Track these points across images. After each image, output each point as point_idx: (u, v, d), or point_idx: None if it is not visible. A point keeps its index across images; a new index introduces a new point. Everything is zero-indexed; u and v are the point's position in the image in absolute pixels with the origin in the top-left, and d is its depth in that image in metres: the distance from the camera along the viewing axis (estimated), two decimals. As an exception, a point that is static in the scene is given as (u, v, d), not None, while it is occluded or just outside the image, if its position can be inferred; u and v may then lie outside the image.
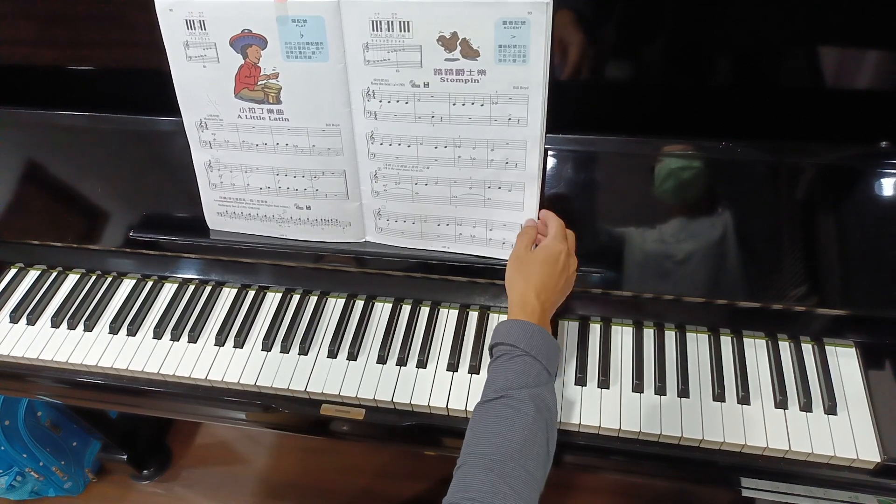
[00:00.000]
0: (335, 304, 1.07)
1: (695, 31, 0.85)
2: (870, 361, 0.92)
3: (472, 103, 0.83)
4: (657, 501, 1.56)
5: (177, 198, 1.05)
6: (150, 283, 1.13)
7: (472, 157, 0.88)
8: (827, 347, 0.94)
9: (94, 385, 1.06)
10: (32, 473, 1.58)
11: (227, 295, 1.10)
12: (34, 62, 1.05)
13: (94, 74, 1.05)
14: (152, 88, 0.94)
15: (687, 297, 0.94)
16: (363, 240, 1.01)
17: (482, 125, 0.85)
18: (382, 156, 0.91)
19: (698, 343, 0.97)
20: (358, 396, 0.96)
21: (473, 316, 1.03)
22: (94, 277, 1.15)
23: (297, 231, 1.01)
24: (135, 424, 1.71)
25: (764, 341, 0.96)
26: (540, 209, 0.92)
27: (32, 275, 1.17)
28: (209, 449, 1.80)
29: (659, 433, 0.88)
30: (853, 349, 0.94)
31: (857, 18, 0.80)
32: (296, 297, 1.09)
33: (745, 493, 0.94)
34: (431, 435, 0.97)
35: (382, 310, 1.06)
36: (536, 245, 0.88)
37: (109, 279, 1.14)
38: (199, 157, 0.97)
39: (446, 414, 0.95)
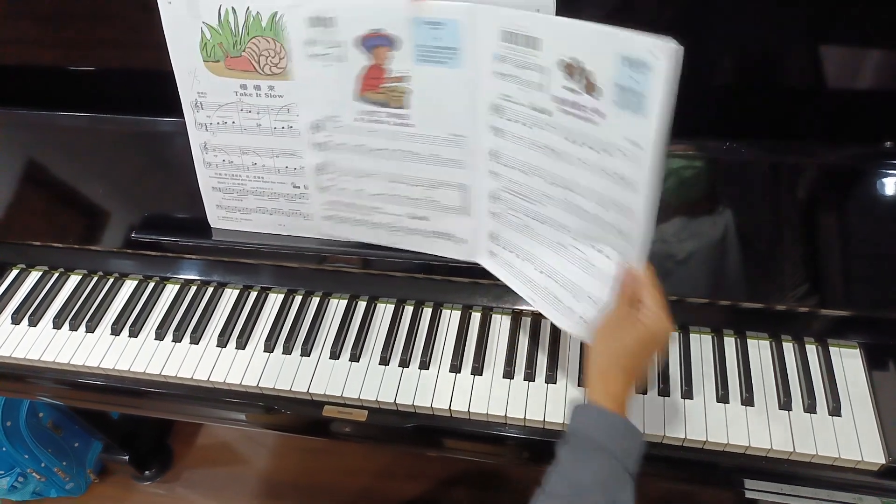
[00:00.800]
0: (337, 305, 1.07)
1: (702, 29, 0.85)
2: (874, 362, 0.92)
3: (589, 147, 0.73)
4: (658, 502, 1.56)
5: (178, 199, 1.05)
6: (151, 284, 1.13)
7: (583, 208, 0.78)
8: (831, 348, 0.94)
9: (95, 386, 1.06)
10: (34, 474, 1.58)
11: (230, 296, 1.10)
12: (35, 62, 1.05)
13: (95, 74, 1.05)
14: (154, 89, 0.94)
15: (690, 298, 0.94)
16: (473, 260, 0.96)
17: (596, 176, 0.74)
18: (503, 177, 0.85)
19: (702, 344, 0.97)
20: (360, 398, 0.96)
21: (476, 317, 1.03)
22: (95, 278, 1.15)
23: (409, 242, 0.97)
24: (136, 425, 1.70)
25: (767, 342, 0.96)
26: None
27: (34, 276, 1.17)
28: (210, 449, 1.80)
29: (663, 434, 0.88)
30: (857, 350, 0.94)
31: (862, 18, 0.80)
32: (298, 298, 1.08)
33: (749, 494, 0.94)
34: (434, 436, 0.97)
35: (385, 311, 1.05)
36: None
37: (111, 280, 1.14)
38: (311, 160, 0.92)
39: (449, 415, 0.94)
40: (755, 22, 0.82)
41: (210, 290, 1.11)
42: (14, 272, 1.18)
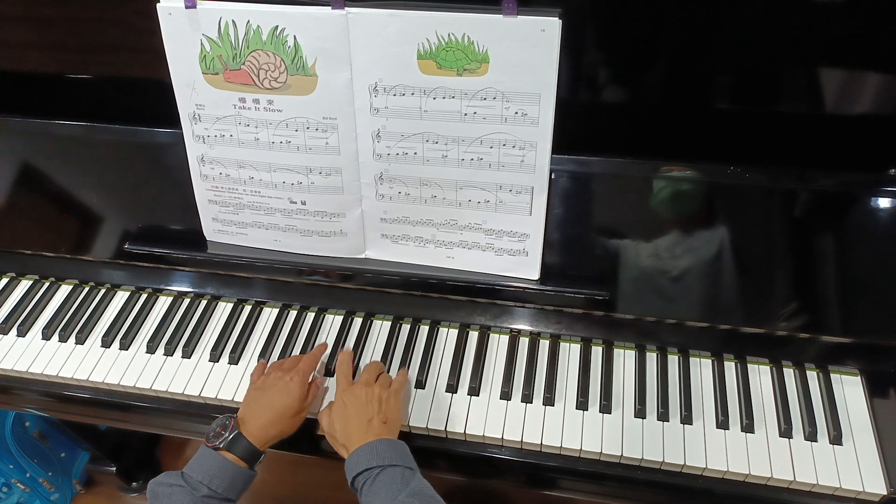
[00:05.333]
0: (333, 321, 1.06)
1: (712, 54, 0.85)
2: (875, 390, 0.91)
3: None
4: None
5: (173, 210, 1.04)
6: (144, 296, 1.11)
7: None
8: (832, 375, 0.93)
9: (84, 399, 1.04)
10: (19, 485, 1.55)
11: (223, 309, 1.08)
12: (31, 68, 1.03)
13: (93, 83, 1.04)
14: (152, 99, 0.93)
15: (690, 322, 0.93)
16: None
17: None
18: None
19: (701, 368, 0.95)
20: (355, 417, 0.94)
21: (473, 336, 1.01)
22: (86, 289, 1.13)
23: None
24: (125, 436, 1.68)
25: (768, 368, 0.95)
26: (545, 232, 0.91)
27: (24, 285, 1.15)
28: (200, 462, 1.77)
29: (661, 460, 0.87)
30: (858, 377, 0.93)
31: (867, 44, 0.80)
32: (293, 313, 1.07)
33: (747, 523, 0.92)
34: (428, 457, 0.95)
35: (381, 328, 1.04)
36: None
37: (103, 291, 1.12)
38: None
39: (444, 436, 0.93)
40: (758, 46, 0.82)
41: (203, 303, 1.09)
42: (4, 280, 1.16)
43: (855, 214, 0.88)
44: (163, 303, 1.10)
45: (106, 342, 1.05)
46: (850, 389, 0.92)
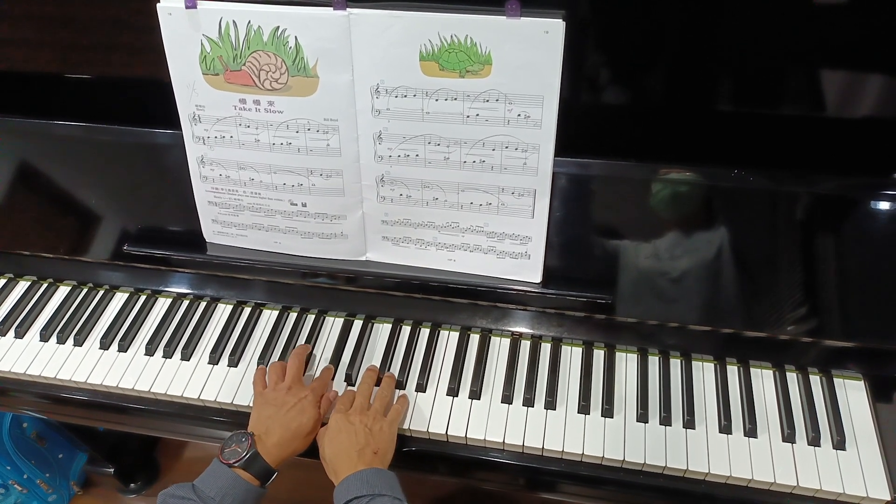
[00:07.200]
0: (333, 324, 1.05)
1: (715, 56, 0.84)
2: (879, 395, 0.91)
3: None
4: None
5: (173, 212, 1.03)
6: (143, 298, 1.10)
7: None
8: (835, 379, 0.93)
9: (82, 402, 1.03)
10: (16, 486, 1.54)
11: (223, 311, 1.07)
12: (30, 68, 1.03)
13: (92, 83, 1.03)
14: (152, 99, 0.92)
15: (693, 325, 0.92)
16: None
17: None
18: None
19: (704, 372, 0.95)
20: (355, 420, 0.93)
21: (475, 339, 1.01)
22: (85, 290, 1.12)
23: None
24: (123, 437, 1.67)
25: (771, 372, 0.94)
26: (547, 235, 0.90)
27: (22, 286, 1.14)
28: (198, 463, 1.76)
29: (664, 465, 0.86)
30: (862, 382, 0.92)
31: (872, 47, 0.79)
32: (293, 315, 1.06)
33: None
34: (429, 461, 0.94)
35: (381, 330, 1.03)
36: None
37: (101, 292, 1.11)
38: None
39: (445, 440, 0.92)
40: (763, 49, 0.81)
41: (203, 304, 1.08)
42: (1, 281, 1.15)
43: (859, 218, 0.87)
44: (162, 304, 1.09)
45: (104, 344, 1.04)
46: (854, 394, 0.91)
